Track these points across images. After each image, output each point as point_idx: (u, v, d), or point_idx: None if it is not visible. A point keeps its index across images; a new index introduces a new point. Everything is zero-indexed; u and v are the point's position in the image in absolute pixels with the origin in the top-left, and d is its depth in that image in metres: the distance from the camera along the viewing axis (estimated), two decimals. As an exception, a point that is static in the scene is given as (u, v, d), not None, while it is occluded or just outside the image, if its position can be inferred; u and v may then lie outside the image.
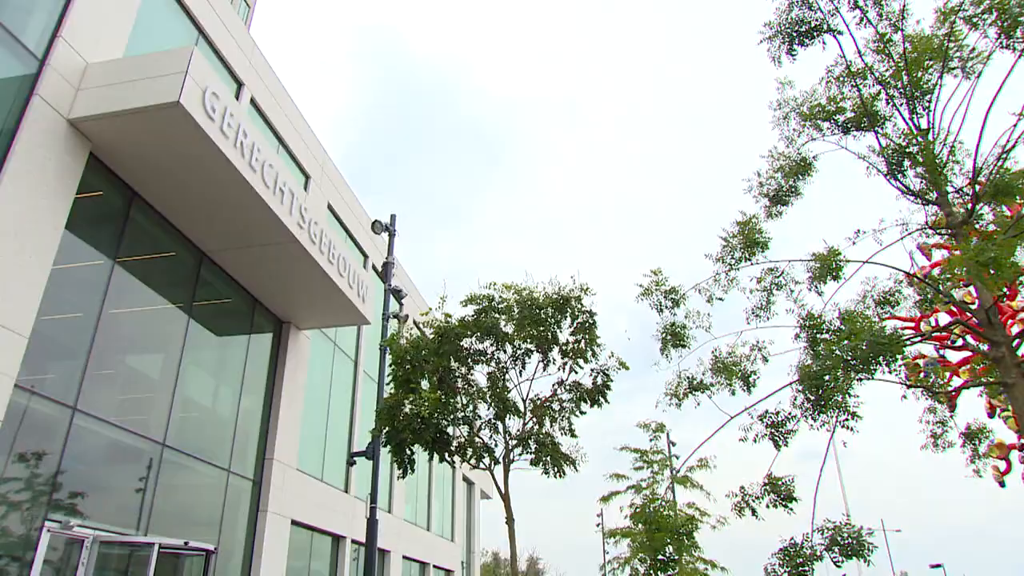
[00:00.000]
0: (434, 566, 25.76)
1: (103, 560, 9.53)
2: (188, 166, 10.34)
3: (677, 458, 18.34)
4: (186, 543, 10.63)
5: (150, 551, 9.81)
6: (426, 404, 10.90)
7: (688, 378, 12.21)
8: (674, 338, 12.32)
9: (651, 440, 21.76)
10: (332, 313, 15.48)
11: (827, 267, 11.17)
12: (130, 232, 10.95)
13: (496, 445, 11.53)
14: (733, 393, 12.13)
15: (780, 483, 10.73)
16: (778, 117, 12.78)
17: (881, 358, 9.41)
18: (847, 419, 10.06)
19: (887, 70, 11.64)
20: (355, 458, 15.89)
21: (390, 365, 12.08)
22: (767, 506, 10.75)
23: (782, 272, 12.56)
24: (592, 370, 11.56)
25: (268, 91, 14.99)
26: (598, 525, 35.24)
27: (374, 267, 20.73)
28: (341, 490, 17.93)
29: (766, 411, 11.03)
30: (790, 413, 10.83)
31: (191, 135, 9.64)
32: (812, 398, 10.16)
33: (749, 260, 12.38)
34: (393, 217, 16.24)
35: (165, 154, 10.07)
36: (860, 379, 9.69)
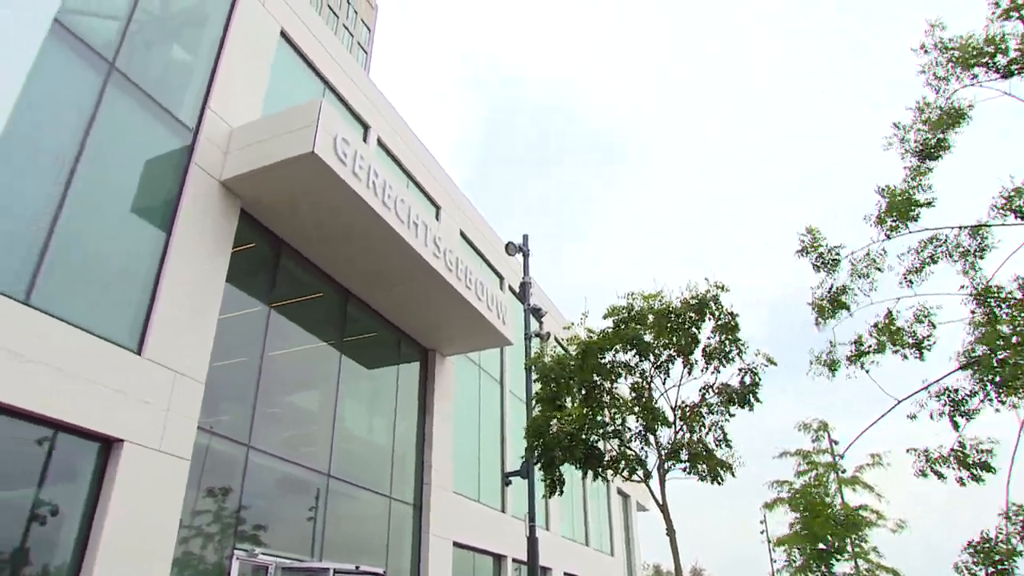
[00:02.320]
0: (597, 582, 25.52)
1: (285, 586, 10.18)
2: (327, 210, 10.96)
3: (842, 458, 17.20)
4: (358, 567, 11.14)
5: (326, 576, 10.37)
6: (573, 420, 10.86)
7: (855, 343, 11.19)
8: (834, 302, 11.43)
9: (813, 440, 20.56)
10: (474, 337, 15.83)
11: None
12: (281, 278, 11.74)
13: (648, 456, 11.30)
14: (905, 358, 11.08)
15: (970, 455, 9.70)
16: (927, 63, 11.51)
17: None
18: None
19: None
20: (510, 478, 16.12)
21: (536, 383, 12.17)
22: (957, 479, 9.74)
23: (945, 239, 11.35)
24: (739, 370, 11.11)
25: (392, 130, 15.67)
26: (762, 532, 33.67)
27: (511, 288, 21.04)
28: (498, 510, 18.20)
29: (946, 388, 10.04)
30: (972, 391, 9.83)
31: (327, 181, 10.22)
32: (993, 379, 9.17)
33: (913, 221, 11.17)
34: (525, 237, 16.43)
35: (306, 201, 10.74)
36: None
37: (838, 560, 16.60)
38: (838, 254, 11.50)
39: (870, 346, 11.10)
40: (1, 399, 6.69)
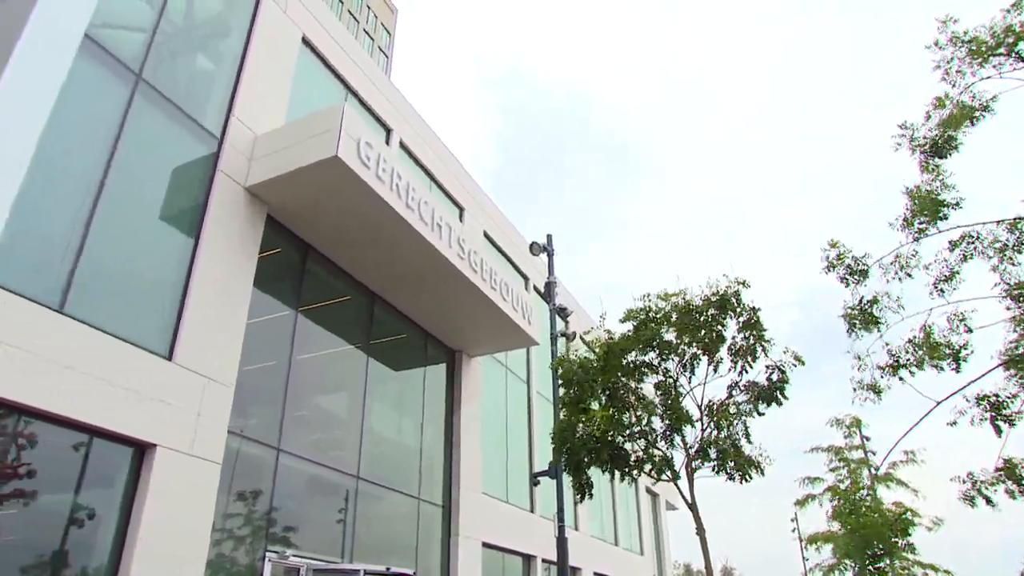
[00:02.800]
0: (628, 582, 25.42)
1: (316, 587, 10.27)
2: (352, 213, 11.04)
3: (874, 454, 16.94)
4: (388, 568, 11.19)
5: (356, 577, 10.44)
6: (598, 423, 10.80)
7: (890, 363, 11.08)
8: (864, 318, 11.30)
9: (845, 437, 20.27)
10: (500, 338, 15.84)
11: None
12: (308, 282, 11.85)
13: (674, 456, 11.22)
14: (941, 370, 10.94)
15: (1020, 468, 9.51)
16: (941, 59, 11.34)
17: None
18: None
19: None
20: (538, 478, 16.10)
21: (560, 387, 12.15)
22: (1008, 494, 9.57)
23: (977, 236, 11.16)
24: (766, 367, 10.98)
25: (414, 132, 15.74)
26: (793, 531, 33.25)
27: (536, 288, 21.03)
28: (527, 510, 18.20)
29: (985, 394, 9.86)
30: (1013, 393, 9.63)
31: (351, 184, 10.30)
32: None
33: (941, 220, 10.98)
34: (549, 237, 16.41)
35: (330, 205, 10.83)
36: None
37: (889, 564, 16.34)
38: (866, 264, 11.36)
39: (907, 360, 10.98)
40: (38, 405, 6.85)
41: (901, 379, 10.92)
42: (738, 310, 11.04)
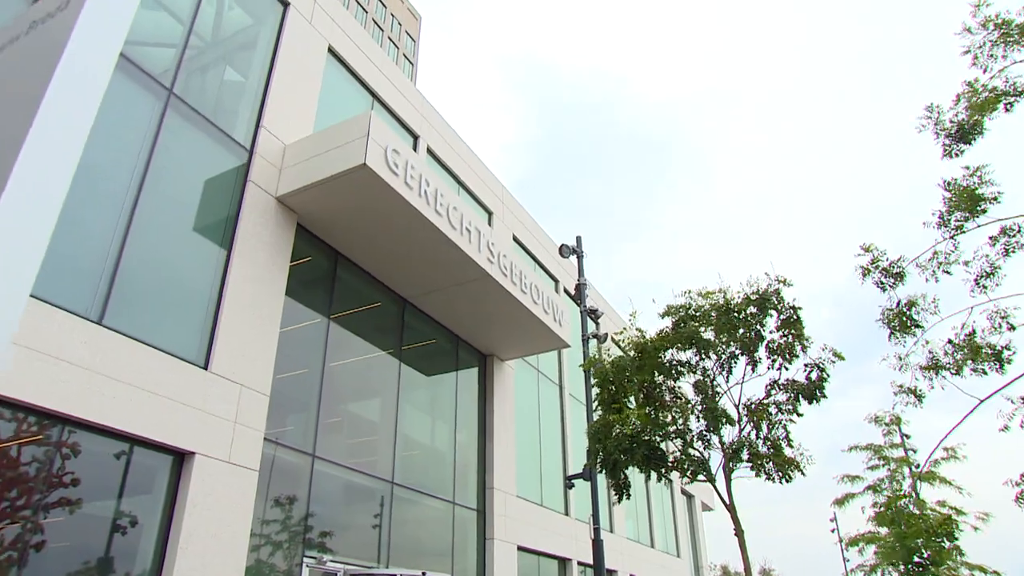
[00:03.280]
0: (666, 584, 25.20)
1: (354, 593, 10.35)
2: (381, 220, 11.13)
3: (915, 452, 16.57)
4: (423, 573, 11.24)
5: (392, 582, 10.50)
6: (634, 422, 10.73)
7: (930, 364, 10.90)
8: (902, 323, 11.13)
9: (885, 435, 19.87)
10: (531, 341, 15.83)
11: None
12: (339, 289, 11.96)
13: (711, 456, 11.09)
14: (984, 373, 10.75)
15: None
16: (971, 44, 11.06)
17: None
18: None
19: None
20: (572, 481, 16.05)
21: (594, 387, 12.09)
22: None
23: (1019, 229, 10.90)
24: (805, 365, 10.82)
25: (441, 138, 15.82)
26: (833, 531, 32.67)
27: (566, 290, 20.99)
28: (561, 513, 18.14)
29: None
30: None
31: (379, 191, 10.38)
32: None
33: (983, 214, 10.75)
34: (579, 239, 16.37)
35: (359, 213, 10.93)
36: None
37: (935, 570, 15.98)
38: (901, 267, 11.16)
39: (947, 364, 10.78)
40: (80, 415, 7.00)
41: (944, 380, 10.70)
42: (779, 308, 10.91)
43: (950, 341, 10.87)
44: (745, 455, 10.57)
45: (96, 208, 7.92)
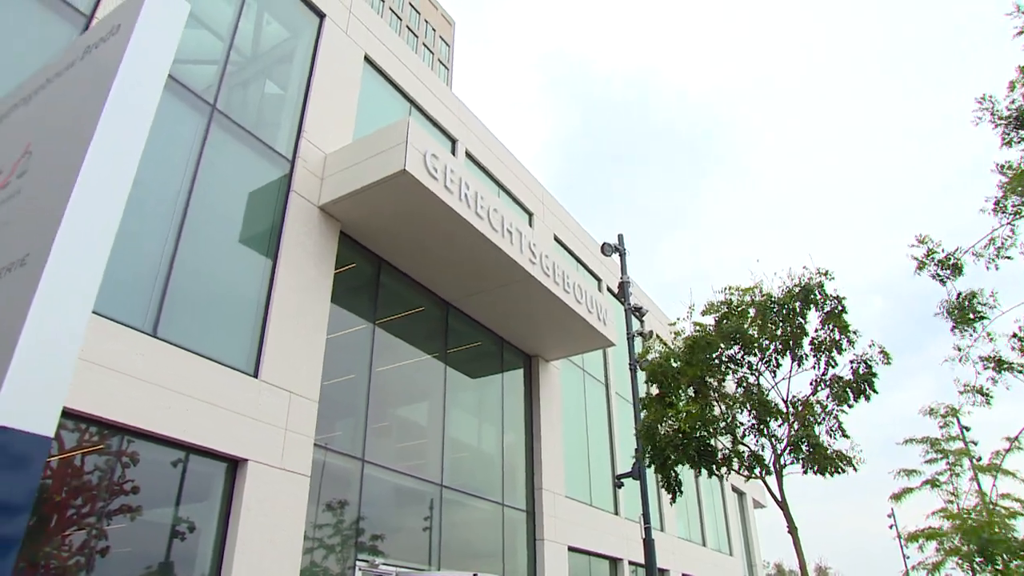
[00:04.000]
0: (719, 583, 24.88)
1: (407, 595, 10.44)
2: (422, 225, 11.22)
3: (975, 444, 16.00)
4: (475, 575, 11.29)
5: (444, 584, 10.57)
6: (686, 419, 10.63)
7: (994, 358, 10.60)
8: (963, 314, 10.81)
9: (941, 427, 19.25)
10: (576, 340, 15.78)
11: None
12: (383, 295, 12.09)
13: (763, 451, 10.93)
14: None
15: None
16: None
17: None
18: None
19: None
20: (621, 480, 15.95)
21: (645, 382, 12.00)
22: None
23: None
24: (852, 361, 10.56)
25: (479, 141, 15.87)
26: (891, 527, 31.83)
27: (609, 289, 20.87)
28: (611, 513, 18.04)
29: None
30: None
31: (420, 196, 10.46)
32: None
33: None
34: (620, 237, 16.26)
35: (401, 219, 11.03)
36: None
37: (1016, 567, 15.47)
38: (958, 258, 10.82)
39: (1012, 363, 10.45)
40: (138, 425, 7.21)
41: (1008, 378, 10.37)
42: (821, 301, 10.68)
43: (1015, 335, 10.52)
44: (804, 448, 10.38)
45: (146, 223, 8.14)
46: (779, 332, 10.72)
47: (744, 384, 11.20)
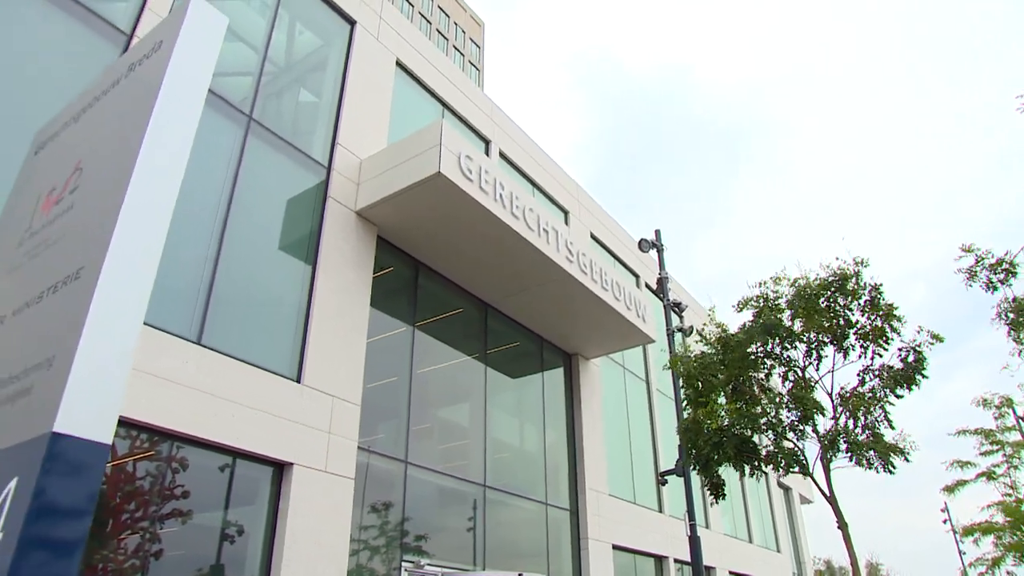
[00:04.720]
0: (767, 581, 24.52)
1: (453, 595, 10.50)
2: (459, 227, 11.26)
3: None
4: (520, 574, 11.30)
5: (490, 584, 10.59)
6: (723, 417, 10.48)
7: None
8: (1019, 319, 10.44)
9: (997, 418, 18.71)
10: (615, 338, 15.69)
11: None
12: (421, 298, 12.17)
13: (806, 447, 10.70)
14: None
15: None
16: None
17: None
18: None
19: None
20: (665, 477, 15.82)
21: (681, 386, 11.88)
22: None
23: None
24: (900, 349, 10.28)
25: (513, 141, 15.88)
26: (945, 522, 31.02)
27: (647, 285, 20.72)
28: (655, 510, 17.91)
29: None
30: None
31: (456, 198, 10.51)
32: None
33: None
34: (658, 232, 16.13)
35: (438, 221, 11.09)
36: None
37: None
38: (1012, 263, 10.43)
39: None
40: (187, 431, 7.37)
41: None
42: (857, 291, 10.42)
43: None
44: (843, 445, 10.14)
45: (189, 233, 8.32)
46: (820, 324, 10.49)
47: (787, 379, 10.99)
